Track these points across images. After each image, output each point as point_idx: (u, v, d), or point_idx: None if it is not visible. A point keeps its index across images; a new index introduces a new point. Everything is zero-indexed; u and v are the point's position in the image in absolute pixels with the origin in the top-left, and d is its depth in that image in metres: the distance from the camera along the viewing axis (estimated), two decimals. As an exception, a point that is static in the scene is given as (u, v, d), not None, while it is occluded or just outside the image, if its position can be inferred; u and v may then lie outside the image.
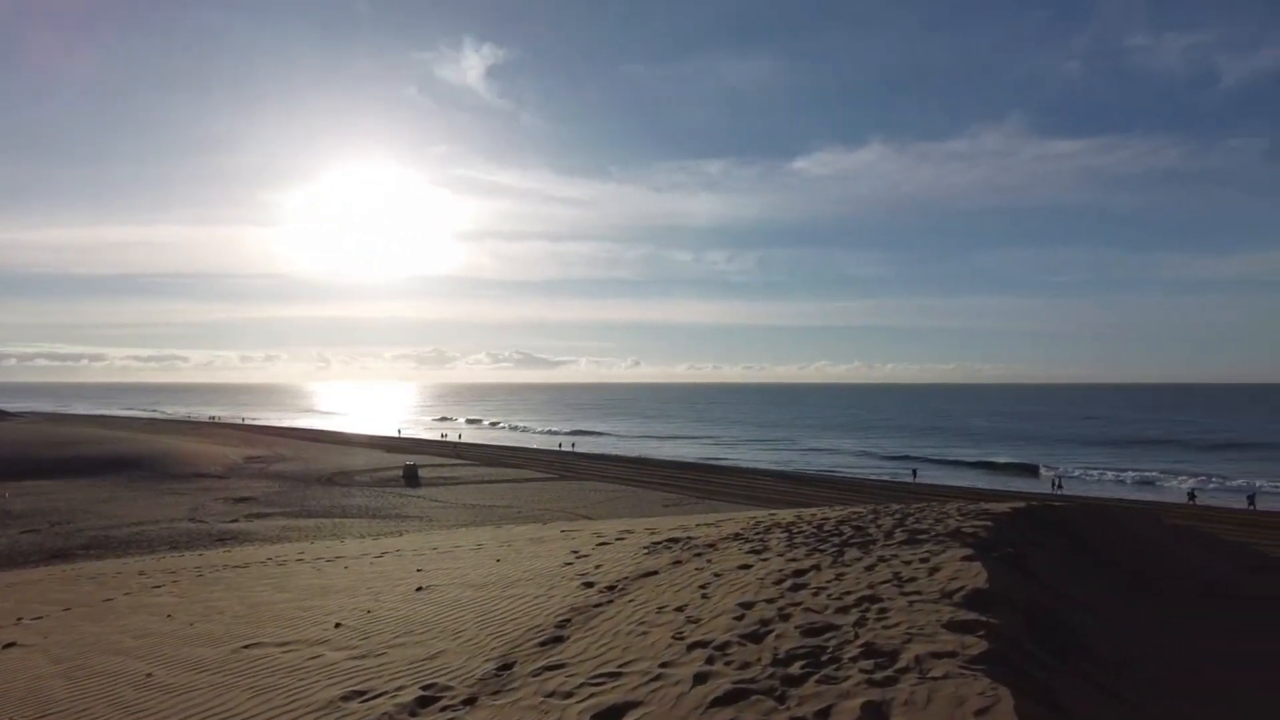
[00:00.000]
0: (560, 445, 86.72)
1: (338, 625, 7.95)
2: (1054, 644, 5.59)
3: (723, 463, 71.30)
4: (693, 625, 5.83)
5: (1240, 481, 53.56)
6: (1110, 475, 59.37)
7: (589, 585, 7.92)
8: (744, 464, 70.73)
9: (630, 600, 7.01)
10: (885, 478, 60.10)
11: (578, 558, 10.06)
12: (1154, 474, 59.19)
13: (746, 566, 7.72)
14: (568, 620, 6.58)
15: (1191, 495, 48.76)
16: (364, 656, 6.49)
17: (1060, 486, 53.94)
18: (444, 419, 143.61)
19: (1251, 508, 44.12)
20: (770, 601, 6.12)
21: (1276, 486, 52.69)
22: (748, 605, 6.11)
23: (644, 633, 5.82)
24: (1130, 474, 59.63)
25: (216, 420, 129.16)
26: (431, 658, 6.19)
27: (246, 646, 7.37)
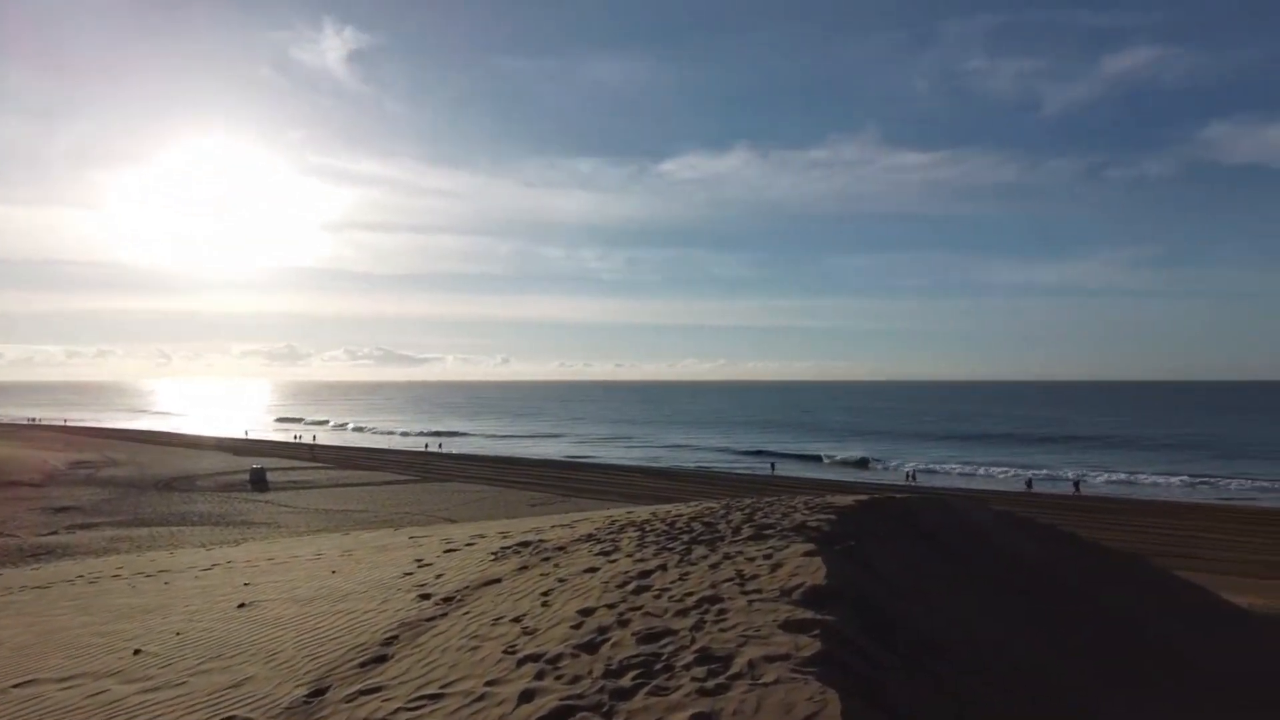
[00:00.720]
0: (428, 446, 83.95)
1: (136, 652, 7.07)
2: (888, 637, 5.65)
3: (591, 460, 71.31)
4: (528, 637, 5.50)
5: (1069, 471, 58.68)
6: (955, 468, 63.49)
7: (426, 597, 7.43)
8: (611, 461, 71.02)
9: (466, 612, 6.59)
10: (745, 471, 61.94)
11: (420, 566, 9.50)
12: (993, 466, 63.98)
13: (593, 570, 7.47)
14: (395, 637, 6.09)
15: (1029, 484, 53.44)
16: (157, 689, 5.75)
17: (914, 479, 57.51)
18: (296, 419, 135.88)
19: (1076, 493, 49.53)
20: (611, 607, 5.89)
21: (1096, 473, 58.57)
22: (588, 612, 5.84)
23: (475, 648, 5.44)
24: (975, 466, 64.17)
25: (36, 422, 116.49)
26: (236, 685, 5.55)
27: (17, 685, 6.39)
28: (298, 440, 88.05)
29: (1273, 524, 37.71)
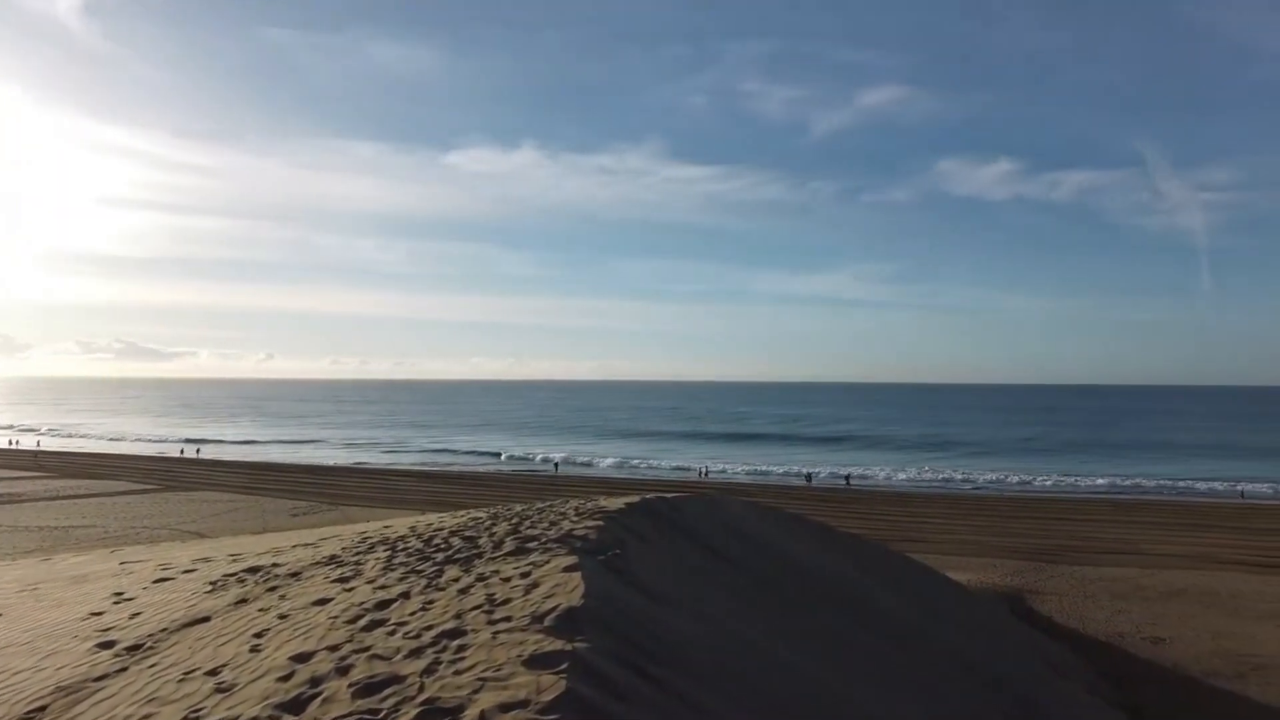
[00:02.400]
0: (183, 451, 74.78)
1: None
2: (643, 656, 5.31)
3: (365, 465, 67.22)
4: (220, 696, 4.53)
5: (844, 468, 63.88)
6: (741, 466, 66.76)
7: (107, 646, 6.09)
8: (386, 465, 67.46)
9: (153, 665, 5.42)
10: (527, 473, 61.33)
11: (116, 603, 7.94)
12: (773, 464, 68.24)
13: (325, 601, 6.51)
14: (43, 708, 4.82)
15: (809, 478, 58.11)
16: None
17: (706, 475, 60.06)
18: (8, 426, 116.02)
19: (807, 484, 55.08)
20: (334, 649, 5.04)
21: (866, 468, 64.47)
22: (304, 658, 4.95)
23: (146, 716, 4.38)
24: (759, 463, 67.90)
25: None
26: None
27: None
28: (13, 446, 75.05)
29: (982, 509, 43.31)
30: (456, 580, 6.71)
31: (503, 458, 73.52)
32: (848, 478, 58.30)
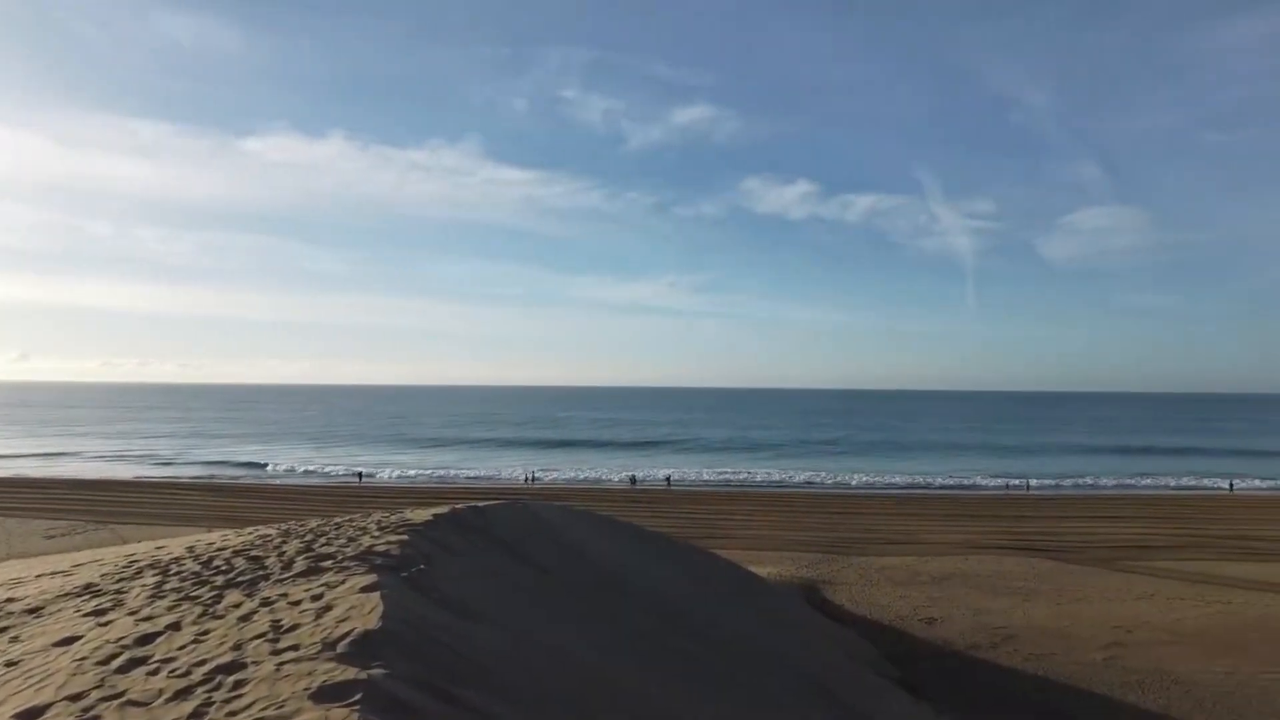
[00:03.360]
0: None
1: None
2: (447, 678, 5.05)
3: (145, 479, 60.31)
4: (-78, 767, 3.77)
5: (664, 470, 65.37)
6: (572, 471, 66.43)
7: None
8: (167, 478, 61.02)
9: None
10: (329, 484, 57.74)
11: None
12: (594, 468, 68.70)
13: (71, 640, 5.66)
14: None
15: (632, 480, 59.47)
16: None
17: (533, 481, 59.34)
18: None
19: (632, 486, 56.56)
20: (77, 699, 4.36)
21: (686, 469, 66.43)
22: (36, 713, 4.25)
23: None
24: (585, 467, 68.10)
25: None
26: None
27: None
28: None
29: (782, 506, 46.08)
30: (238, 606, 6.08)
31: (299, 470, 68.05)
32: (668, 479, 60.61)
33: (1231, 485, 58.18)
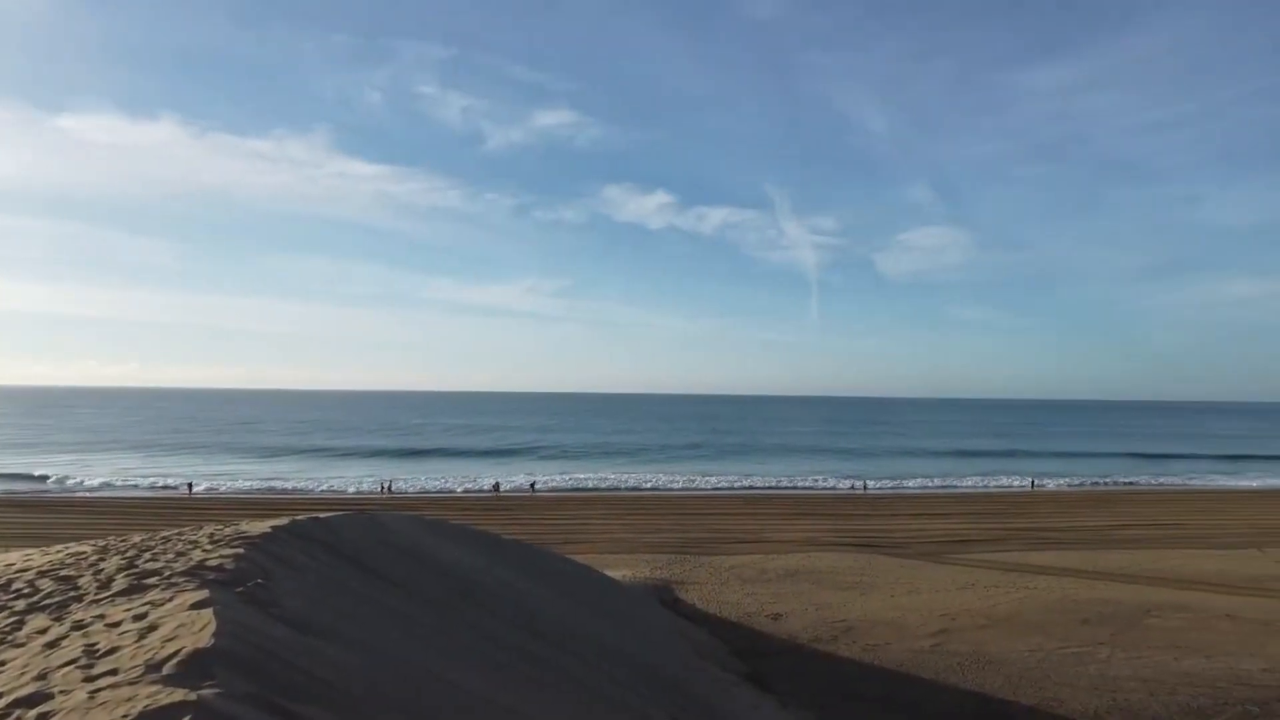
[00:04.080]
0: None
1: None
2: (292, 698, 4.82)
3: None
4: None
5: (528, 476, 64.36)
6: (427, 480, 64.15)
7: None
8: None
9: None
10: (157, 497, 53.13)
11: None
12: (460, 474, 67.02)
13: None
14: None
15: (496, 486, 58.54)
16: None
17: (390, 489, 56.79)
18: None
19: (496, 493, 55.41)
20: None
21: (551, 475, 65.80)
22: None
23: None
24: (444, 477, 65.98)
25: None
26: None
27: None
28: None
29: (637, 509, 46.86)
30: (43, 632, 5.52)
31: (119, 483, 61.57)
32: (533, 485, 60.31)
33: (1033, 483, 64.88)
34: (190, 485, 57.36)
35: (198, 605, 5.91)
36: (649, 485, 62.48)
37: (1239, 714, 12.44)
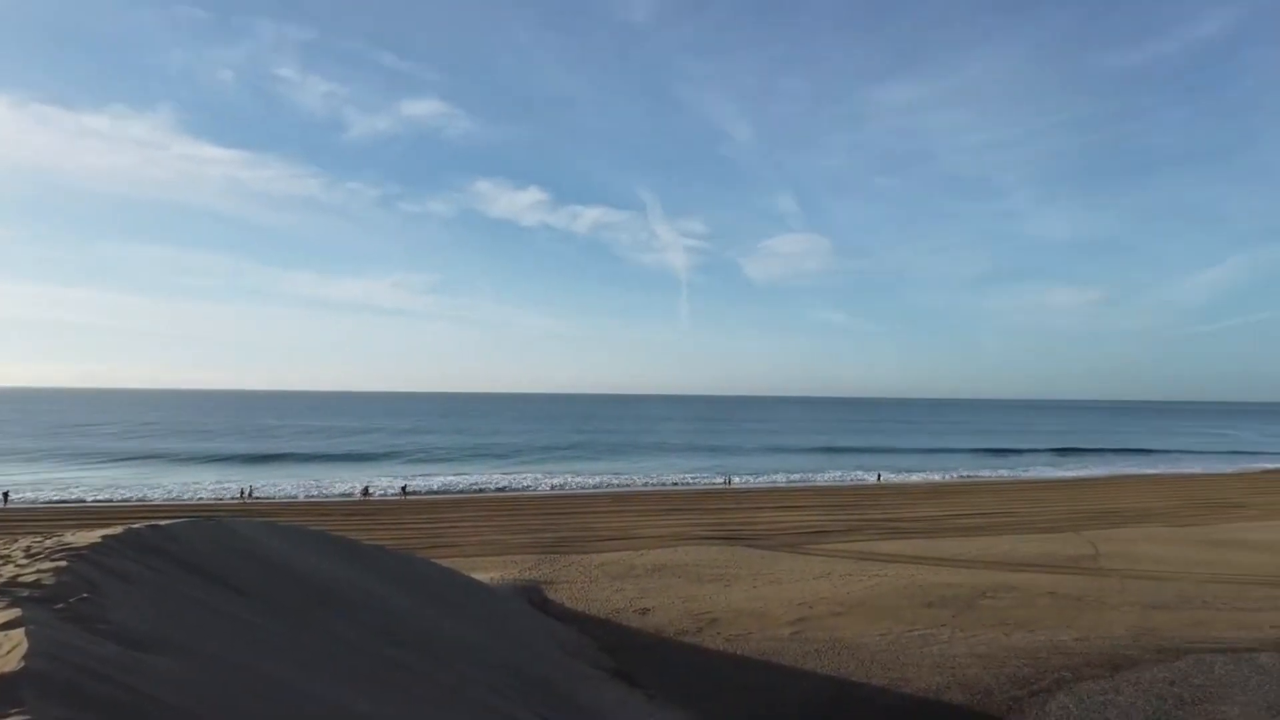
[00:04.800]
0: None
1: None
2: (115, 719, 4.46)
3: None
4: None
5: (398, 480, 61.95)
6: (288, 485, 60.61)
7: None
8: None
9: None
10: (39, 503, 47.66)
11: None
12: (331, 478, 63.80)
13: None
14: None
15: (366, 490, 56.70)
16: None
17: (250, 495, 53.32)
18: None
19: (365, 498, 54.39)
20: None
21: (425, 477, 63.72)
22: None
23: None
24: (311, 482, 62.68)
25: None
26: None
27: None
28: None
29: (505, 510, 46.39)
30: None
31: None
32: (404, 489, 58.58)
33: (879, 476, 69.13)
34: (6, 495, 51.72)
35: (6, 626, 5.37)
36: (521, 486, 61.87)
37: (1055, 680, 13.73)
